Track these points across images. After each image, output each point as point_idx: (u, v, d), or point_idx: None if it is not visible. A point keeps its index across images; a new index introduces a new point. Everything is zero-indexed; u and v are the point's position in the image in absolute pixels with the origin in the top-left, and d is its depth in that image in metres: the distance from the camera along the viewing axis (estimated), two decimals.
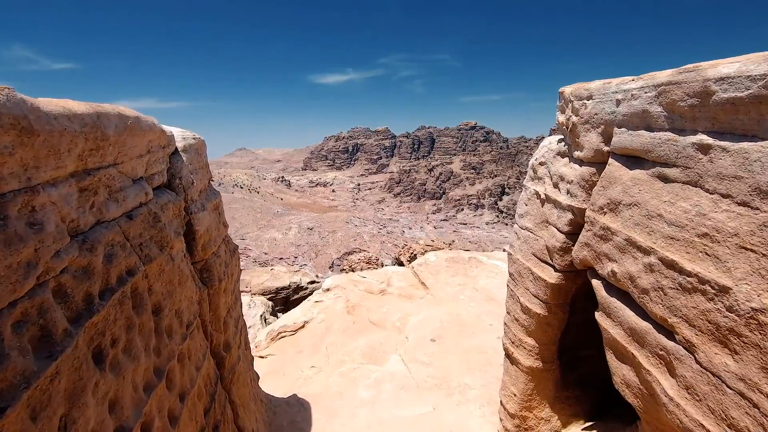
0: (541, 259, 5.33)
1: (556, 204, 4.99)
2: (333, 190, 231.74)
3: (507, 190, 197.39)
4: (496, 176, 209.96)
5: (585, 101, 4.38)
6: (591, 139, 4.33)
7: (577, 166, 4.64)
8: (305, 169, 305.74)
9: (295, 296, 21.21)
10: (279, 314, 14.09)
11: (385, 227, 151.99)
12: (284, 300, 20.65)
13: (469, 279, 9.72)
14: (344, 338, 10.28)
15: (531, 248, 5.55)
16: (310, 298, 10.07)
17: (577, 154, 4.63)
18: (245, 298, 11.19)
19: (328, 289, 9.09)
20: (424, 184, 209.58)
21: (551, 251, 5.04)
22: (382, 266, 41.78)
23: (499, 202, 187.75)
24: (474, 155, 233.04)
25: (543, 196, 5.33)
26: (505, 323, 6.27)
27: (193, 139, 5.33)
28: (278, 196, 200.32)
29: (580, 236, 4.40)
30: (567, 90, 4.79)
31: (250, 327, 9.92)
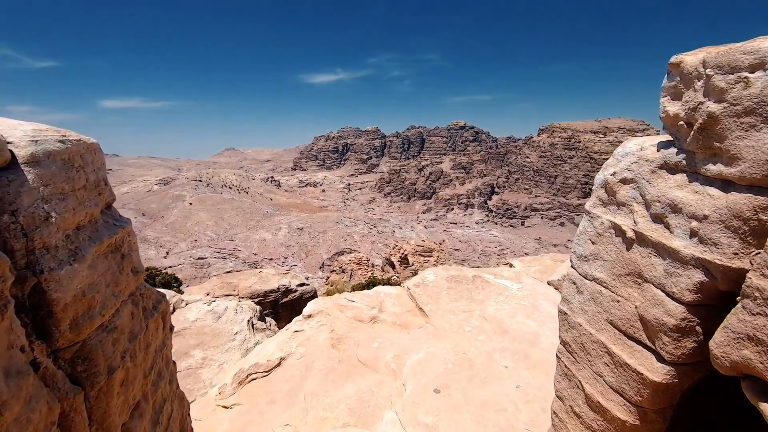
0: (627, 335, 3.34)
1: (665, 251, 2.98)
2: (323, 190, 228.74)
3: (496, 189, 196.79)
4: (485, 176, 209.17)
5: (747, 75, 2.38)
6: (760, 144, 2.34)
7: (715, 192, 2.64)
8: (295, 169, 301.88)
9: (285, 299, 19.38)
10: (267, 318, 12.62)
11: (375, 227, 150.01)
12: (273, 303, 18.81)
13: (475, 304, 7.97)
14: (327, 384, 8.29)
15: (606, 313, 3.55)
16: (288, 326, 7.91)
17: (717, 169, 2.63)
18: (232, 303, 9.24)
19: (309, 316, 7.29)
20: (415, 184, 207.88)
21: (654, 328, 3.05)
22: (372, 266, 40.06)
23: (488, 202, 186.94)
24: (464, 155, 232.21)
25: (632, 234, 3.31)
26: (554, 413, 4.25)
27: (59, 142, 3.17)
28: (268, 197, 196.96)
29: (732, 319, 2.43)
30: (692, 59, 2.78)
31: (236, 333, 8.01)
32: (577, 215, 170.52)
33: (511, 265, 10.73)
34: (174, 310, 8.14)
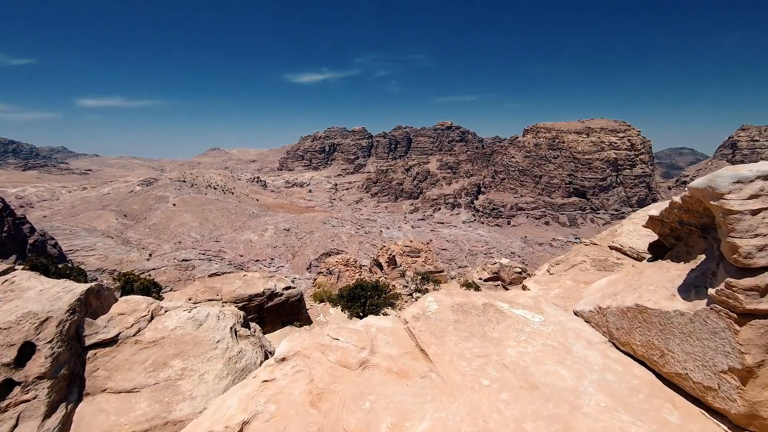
0: None
1: None
2: (310, 191, 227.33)
3: (483, 189, 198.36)
4: (472, 176, 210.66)
5: None
6: None
7: None
8: (281, 170, 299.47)
9: (270, 303, 18.99)
10: (252, 324, 12.17)
11: (362, 227, 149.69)
12: (258, 308, 18.40)
13: (491, 345, 6.13)
14: None
15: None
16: (255, 373, 6.14)
17: None
18: (214, 310, 8.79)
19: (283, 359, 5.82)
20: (402, 184, 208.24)
21: None
22: (360, 268, 39.73)
23: (475, 201, 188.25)
24: (450, 155, 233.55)
25: None
26: None
27: None
28: (254, 197, 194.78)
29: None
30: None
31: (218, 341, 7.58)
32: (561, 214, 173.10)
33: (525, 288, 9.32)
34: (152, 317, 7.82)
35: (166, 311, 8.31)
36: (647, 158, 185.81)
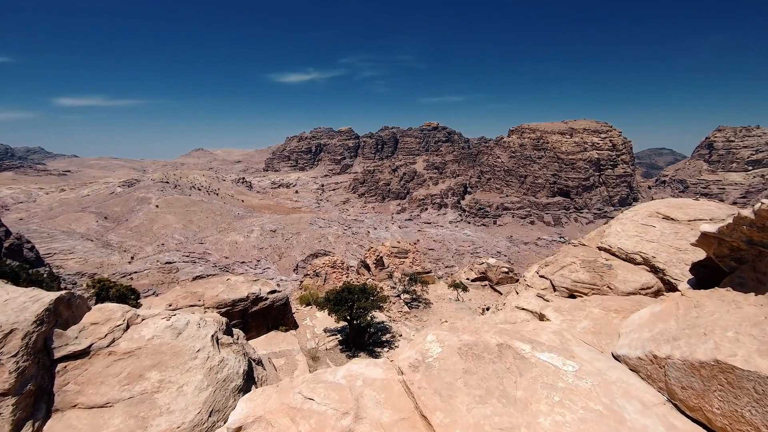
0: None
1: None
2: (296, 191, 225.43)
3: (469, 189, 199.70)
4: (458, 176, 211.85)
5: None
6: None
7: None
8: (267, 170, 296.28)
9: (254, 308, 18.49)
10: (234, 331, 11.76)
11: (350, 228, 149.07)
12: (242, 313, 17.88)
13: (516, 411, 4.42)
14: None
15: None
16: None
17: None
18: (194, 317, 8.33)
19: (239, 429, 4.60)
20: (389, 184, 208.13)
21: None
22: (347, 269, 39.33)
23: (461, 201, 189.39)
24: (437, 155, 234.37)
25: None
26: None
27: None
28: (239, 198, 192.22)
29: None
30: None
31: (199, 351, 7.18)
32: (546, 214, 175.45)
33: (544, 317, 7.31)
34: (128, 327, 7.43)
35: (143, 319, 7.92)
36: (628, 158, 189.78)
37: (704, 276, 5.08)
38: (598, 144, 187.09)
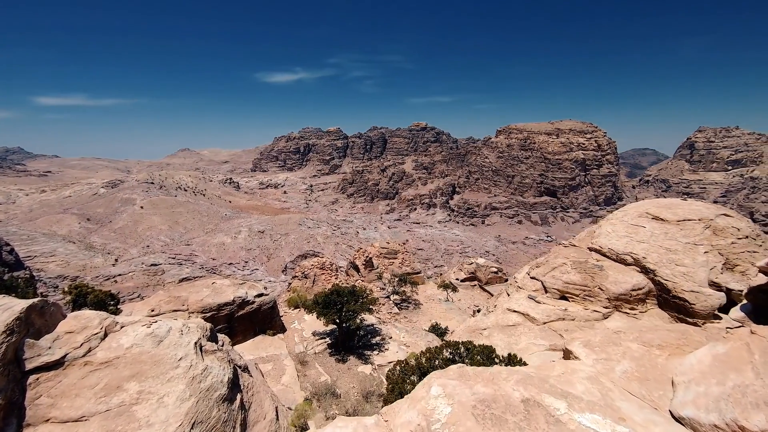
0: None
1: None
2: (285, 192, 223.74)
3: (457, 189, 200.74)
4: (446, 176, 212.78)
5: None
6: None
7: None
8: (255, 171, 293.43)
9: (241, 312, 18.06)
10: (219, 336, 11.41)
11: (339, 228, 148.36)
12: (228, 317, 17.43)
13: None
14: None
15: None
16: None
17: None
18: (177, 324, 7.97)
19: None
20: (377, 185, 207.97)
21: None
22: (336, 271, 38.94)
23: (450, 201, 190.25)
24: (425, 155, 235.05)
25: None
26: None
27: None
28: (226, 199, 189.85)
29: None
30: None
31: (181, 359, 6.83)
32: (534, 213, 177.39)
33: (571, 354, 6.10)
34: (106, 335, 7.09)
35: (122, 327, 7.58)
36: (613, 158, 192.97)
37: (764, 302, 4.28)
38: (584, 144, 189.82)
